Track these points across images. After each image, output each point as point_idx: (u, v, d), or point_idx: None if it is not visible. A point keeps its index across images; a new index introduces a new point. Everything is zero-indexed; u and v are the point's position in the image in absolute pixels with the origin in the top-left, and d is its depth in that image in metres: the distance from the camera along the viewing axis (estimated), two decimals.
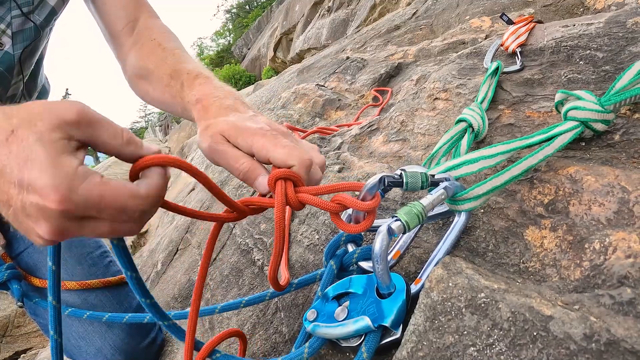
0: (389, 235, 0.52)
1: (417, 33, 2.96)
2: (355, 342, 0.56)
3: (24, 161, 0.37)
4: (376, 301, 0.56)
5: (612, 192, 0.57)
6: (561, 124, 0.67)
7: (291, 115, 2.63)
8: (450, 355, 0.45)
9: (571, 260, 0.52)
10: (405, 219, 0.52)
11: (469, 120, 0.83)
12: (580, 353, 0.38)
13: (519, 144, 0.67)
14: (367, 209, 0.53)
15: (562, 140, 0.65)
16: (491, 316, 0.44)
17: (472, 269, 0.51)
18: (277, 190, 0.54)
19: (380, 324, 0.53)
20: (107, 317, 0.92)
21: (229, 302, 0.84)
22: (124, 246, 0.52)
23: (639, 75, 0.66)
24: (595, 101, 0.66)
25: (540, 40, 1.02)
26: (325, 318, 0.60)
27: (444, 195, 0.58)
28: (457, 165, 0.66)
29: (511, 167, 0.62)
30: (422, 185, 0.57)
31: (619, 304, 0.43)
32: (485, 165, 0.66)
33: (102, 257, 1.17)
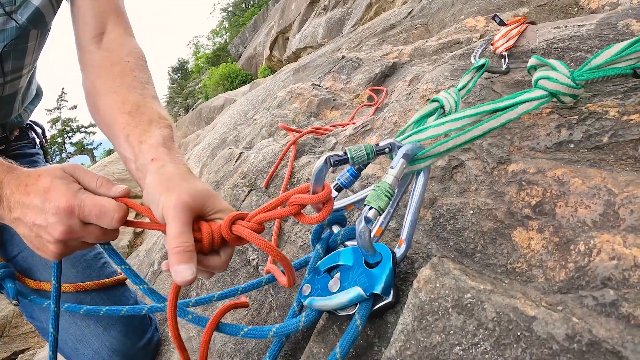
0: (368, 224, 0.55)
1: (413, 32, 2.97)
2: (352, 311, 0.59)
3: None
4: (365, 271, 0.59)
5: (598, 194, 0.58)
6: (530, 91, 0.67)
7: (286, 115, 2.64)
8: (437, 354, 0.45)
9: (557, 261, 0.53)
10: (376, 204, 0.56)
11: (442, 101, 0.83)
12: (563, 353, 0.39)
13: (486, 108, 0.68)
14: (320, 200, 0.57)
15: (527, 107, 0.65)
16: (477, 316, 0.45)
17: (459, 269, 0.52)
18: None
19: (372, 292, 0.56)
20: (105, 311, 0.92)
21: (225, 290, 0.88)
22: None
23: (616, 57, 0.66)
24: (568, 74, 0.66)
25: (532, 42, 1.03)
26: (320, 291, 0.63)
27: (405, 164, 0.60)
28: (422, 129, 0.67)
29: (473, 127, 0.63)
30: (368, 157, 0.60)
31: (601, 305, 0.44)
32: (451, 128, 0.66)
33: (96, 258, 1.17)
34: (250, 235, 0.58)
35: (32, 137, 1.29)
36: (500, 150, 0.76)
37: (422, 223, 0.74)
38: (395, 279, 0.61)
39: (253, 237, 0.58)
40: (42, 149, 1.33)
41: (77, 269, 1.10)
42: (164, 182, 0.65)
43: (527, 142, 0.75)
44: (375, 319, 0.62)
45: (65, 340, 1.06)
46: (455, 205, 0.72)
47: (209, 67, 36.02)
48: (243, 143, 2.89)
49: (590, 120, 0.74)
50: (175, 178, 0.66)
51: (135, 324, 1.11)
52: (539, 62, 0.71)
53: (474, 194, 0.72)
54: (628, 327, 0.40)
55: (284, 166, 1.45)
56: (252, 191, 1.51)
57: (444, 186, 0.80)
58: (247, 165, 1.71)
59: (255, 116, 3.24)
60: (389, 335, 0.59)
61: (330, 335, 0.67)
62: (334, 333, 0.67)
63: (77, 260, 1.11)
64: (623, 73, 0.64)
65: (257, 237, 0.58)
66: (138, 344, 1.09)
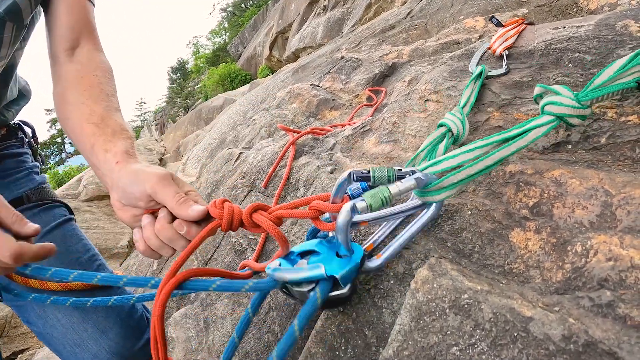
0: (352, 212, 0.58)
1: (412, 33, 2.97)
2: (307, 288, 0.62)
3: None
4: (333, 258, 0.63)
5: (595, 195, 0.58)
6: (537, 118, 0.69)
7: (286, 115, 2.64)
8: (434, 354, 0.46)
9: (554, 262, 0.53)
10: (370, 201, 0.58)
11: (449, 125, 0.86)
12: (559, 354, 0.39)
13: (496, 138, 0.70)
14: (334, 210, 0.62)
15: (536, 133, 0.67)
16: (474, 317, 0.45)
17: (457, 270, 0.52)
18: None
19: (332, 275, 0.59)
20: (92, 302, 0.89)
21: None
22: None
23: (619, 72, 0.67)
24: (572, 97, 0.67)
25: (531, 43, 1.03)
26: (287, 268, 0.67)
27: (414, 185, 0.62)
28: (437, 162, 0.70)
29: (485, 157, 0.65)
30: (389, 179, 0.62)
31: (598, 306, 0.44)
32: (464, 160, 0.68)
33: (91, 260, 1.15)
34: (268, 225, 0.63)
35: (21, 137, 1.29)
36: None
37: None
38: (356, 280, 0.66)
39: (271, 227, 0.63)
40: (31, 149, 1.32)
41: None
42: (135, 172, 0.72)
43: None
44: (326, 309, 0.67)
45: (64, 345, 1.05)
46: (453, 206, 0.72)
47: (209, 67, 36.02)
48: (242, 143, 2.89)
49: (588, 121, 0.74)
50: (143, 167, 0.73)
51: (133, 326, 1.10)
52: (543, 89, 0.72)
53: (472, 195, 0.72)
54: (624, 328, 0.41)
55: (283, 166, 1.45)
56: (251, 191, 1.51)
57: None
58: (246, 166, 1.71)
59: (255, 116, 3.24)
60: (386, 335, 0.59)
61: (329, 335, 0.67)
62: (332, 334, 0.67)
63: (71, 263, 1.10)
64: (627, 87, 0.65)
65: (275, 227, 0.64)
66: (136, 345, 1.09)
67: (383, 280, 0.68)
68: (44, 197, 1.18)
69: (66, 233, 1.15)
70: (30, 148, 1.32)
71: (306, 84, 2.84)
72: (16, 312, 1.12)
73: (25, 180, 1.19)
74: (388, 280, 0.67)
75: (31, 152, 1.31)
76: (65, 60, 0.96)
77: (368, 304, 0.66)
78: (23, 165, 1.22)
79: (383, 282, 0.67)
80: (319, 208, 0.63)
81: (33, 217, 1.12)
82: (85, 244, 1.19)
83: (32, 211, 1.14)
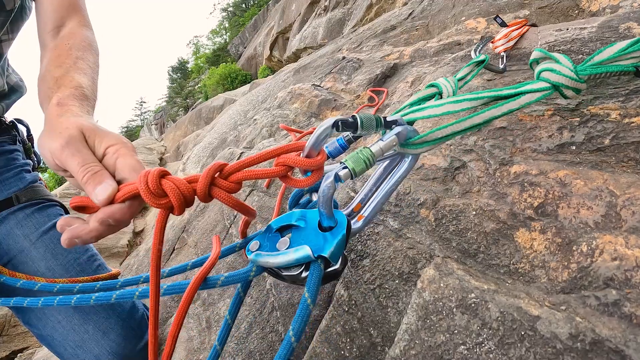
0: (336, 182, 0.53)
1: (413, 33, 2.98)
2: (296, 271, 0.55)
3: None
4: (318, 233, 0.56)
5: (600, 196, 0.58)
6: (532, 82, 0.66)
7: (287, 115, 2.64)
8: (442, 353, 0.46)
9: (559, 262, 0.53)
10: (352, 165, 0.53)
11: (440, 87, 0.81)
12: (566, 352, 0.40)
13: (487, 94, 0.66)
14: (313, 166, 0.52)
15: (530, 98, 0.64)
16: (481, 316, 0.45)
17: (463, 270, 0.53)
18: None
19: (320, 255, 0.53)
20: (75, 300, 0.85)
21: (200, 257, 0.84)
22: None
23: (619, 54, 0.66)
24: (572, 67, 0.66)
25: (534, 44, 1.03)
26: (268, 249, 0.60)
27: (395, 141, 0.58)
28: (421, 109, 0.65)
29: (474, 115, 0.61)
30: (376, 125, 0.57)
31: (604, 305, 0.44)
32: (449, 110, 0.64)
33: (90, 261, 1.14)
34: (228, 198, 0.52)
35: (14, 134, 1.25)
36: (502, 151, 0.77)
37: (425, 224, 0.74)
38: (346, 250, 0.58)
39: (231, 200, 0.52)
40: (24, 147, 1.29)
41: (71, 274, 1.08)
42: (47, 131, 0.62)
43: (529, 143, 0.76)
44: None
45: (65, 347, 1.05)
46: (457, 206, 0.72)
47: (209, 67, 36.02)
48: (243, 143, 2.89)
49: (592, 122, 0.75)
50: (55, 124, 0.62)
51: (134, 326, 1.10)
52: (543, 54, 0.71)
53: (477, 195, 0.73)
54: (630, 326, 0.41)
55: None
56: (253, 191, 1.51)
57: (446, 187, 0.80)
58: None
59: (256, 116, 3.24)
60: (392, 335, 0.60)
61: (334, 335, 0.68)
62: (337, 333, 0.67)
63: (69, 265, 1.09)
64: (625, 70, 0.65)
65: (235, 200, 0.53)
66: (138, 345, 1.09)
67: (388, 279, 0.68)
68: (34, 197, 1.15)
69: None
70: (24, 146, 1.29)
71: (307, 84, 2.85)
72: (15, 315, 1.11)
73: (14, 180, 1.16)
74: (393, 280, 0.67)
75: (24, 150, 1.28)
76: (49, 41, 0.92)
77: (373, 303, 0.67)
78: (13, 164, 1.19)
79: (388, 282, 0.68)
80: (289, 164, 0.52)
81: (26, 218, 1.11)
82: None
83: (25, 212, 1.12)
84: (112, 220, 0.53)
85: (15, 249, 1.07)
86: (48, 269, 1.06)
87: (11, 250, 1.07)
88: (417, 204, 0.79)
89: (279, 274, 0.57)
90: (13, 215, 1.11)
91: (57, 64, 0.81)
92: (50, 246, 1.10)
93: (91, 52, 0.90)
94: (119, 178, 0.56)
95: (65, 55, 0.84)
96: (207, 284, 0.59)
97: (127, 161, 0.56)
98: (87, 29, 0.98)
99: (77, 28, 0.95)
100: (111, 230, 0.56)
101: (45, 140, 0.60)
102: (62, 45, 0.88)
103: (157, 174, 0.49)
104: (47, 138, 0.60)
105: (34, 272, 1.06)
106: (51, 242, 1.10)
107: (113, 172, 0.57)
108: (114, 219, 0.53)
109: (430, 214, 0.75)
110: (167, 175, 0.51)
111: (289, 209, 0.71)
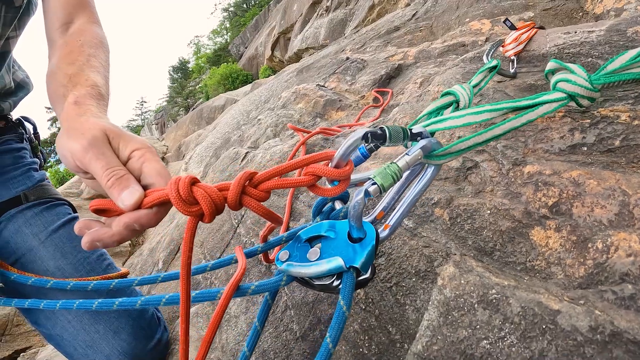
0: (365, 198, 0.54)
1: (417, 34, 3.00)
2: (327, 281, 0.57)
3: None
4: (347, 244, 0.58)
5: (613, 195, 0.60)
6: (549, 93, 0.69)
7: (292, 115, 2.66)
8: (464, 348, 0.48)
9: (575, 258, 0.55)
10: (381, 181, 0.54)
11: (457, 95, 0.82)
12: (587, 344, 0.41)
13: (506, 105, 0.69)
14: (341, 176, 0.53)
15: (547, 108, 0.67)
16: (502, 311, 0.47)
17: (482, 267, 0.54)
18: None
19: (352, 265, 0.54)
20: (97, 305, 0.84)
21: (219, 259, 0.85)
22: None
23: (630, 62, 0.68)
24: (586, 77, 0.68)
25: (543, 46, 1.05)
26: (298, 258, 0.61)
27: (421, 155, 0.59)
28: (442, 120, 0.67)
29: (494, 126, 0.64)
30: (403, 137, 0.59)
31: (621, 299, 0.46)
32: (470, 121, 0.66)
33: (99, 260, 1.13)
34: (258, 207, 0.53)
35: (21, 132, 1.25)
36: (515, 152, 0.78)
37: (440, 222, 0.76)
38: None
39: (261, 209, 0.53)
40: (31, 145, 1.29)
41: (80, 273, 1.08)
42: (67, 130, 0.61)
43: (541, 144, 0.78)
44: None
45: (75, 347, 1.04)
46: (472, 205, 0.74)
47: (210, 66, 36.03)
48: (248, 143, 2.91)
49: (602, 124, 0.77)
50: (75, 124, 0.61)
51: (145, 326, 1.09)
52: (558, 65, 0.73)
53: (490, 195, 0.75)
54: None
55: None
56: None
57: (459, 187, 0.82)
58: (255, 165, 1.73)
59: (260, 116, 3.25)
60: (410, 332, 0.61)
61: (351, 333, 0.69)
62: (354, 331, 0.69)
63: (79, 264, 1.09)
64: (637, 78, 0.67)
65: (265, 209, 0.54)
66: (148, 345, 1.08)
67: (405, 278, 0.70)
68: (43, 195, 1.15)
69: (72, 232, 1.13)
70: (30, 144, 1.29)
71: (312, 85, 2.86)
72: (23, 315, 1.11)
73: (22, 178, 1.16)
74: (410, 278, 0.69)
75: (30, 148, 1.28)
76: (57, 38, 0.92)
77: (390, 301, 0.68)
78: (21, 162, 1.19)
79: (405, 280, 0.70)
80: (318, 173, 0.53)
81: (35, 216, 1.11)
82: None
83: (33, 210, 1.12)
84: (137, 225, 0.53)
85: (23, 248, 1.07)
86: (57, 268, 1.06)
87: (19, 249, 1.07)
88: (430, 203, 0.81)
89: (310, 283, 0.59)
90: (21, 213, 1.11)
91: (69, 61, 0.81)
92: (59, 245, 1.09)
93: (102, 50, 0.90)
94: (145, 183, 0.56)
95: (77, 52, 0.84)
96: (239, 291, 0.60)
97: (154, 166, 0.57)
98: (97, 25, 0.98)
99: (87, 25, 0.95)
100: (134, 235, 0.56)
101: (65, 140, 0.60)
102: (73, 42, 0.87)
103: (189, 181, 0.50)
104: (68, 138, 0.59)
105: (43, 271, 1.06)
106: (60, 241, 1.10)
107: (138, 177, 0.57)
108: (139, 224, 0.53)
109: (445, 213, 0.77)
110: (197, 182, 0.52)
111: (312, 217, 0.73)
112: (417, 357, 0.52)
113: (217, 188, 0.52)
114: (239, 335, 1.08)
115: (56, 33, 0.93)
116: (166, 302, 0.75)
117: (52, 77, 0.79)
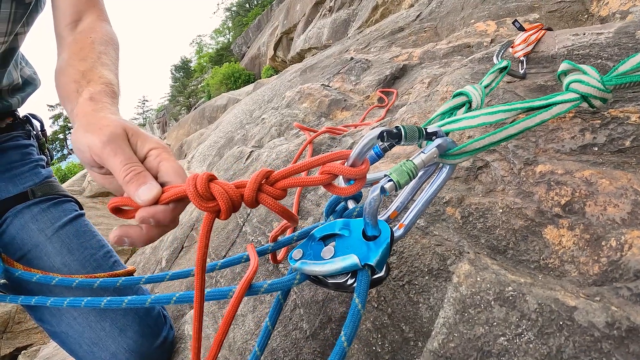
0: (381, 194, 0.54)
1: (422, 35, 3.00)
2: (342, 279, 0.57)
3: None
4: (362, 242, 0.57)
5: (625, 194, 0.61)
6: (562, 94, 0.70)
7: (296, 115, 2.66)
8: (482, 345, 0.48)
9: (589, 256, 0.56)
10: (397, 178, 0.54)
11: (470, 96, 0.83)
12: (604, 339, 0.42)
13: (520, 105, 0.70)
14: (357, 175, 0.54)
15: (561, 108, 0.68)
16: (519, 308, 0.48)
17: (497, 264, 0.55)
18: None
19: (367, 263, 0.54)
20: (105, 303, 0.84)
21: (230, 257, 0.85)
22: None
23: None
24: (599, 78, 0.69)
25: (552, 48, 1.06)
26: (312, 257, 0.61)
27: (436, 153, 0.60)
28: (456, 120, 0.68)
29: (509, 126, 0.65)
30: (419, 136, 0.60)
31: (636, 295, 0.46)
32: (485, 121, 0.68)
33: (106, 257, 1.13)
34: (275, 205, 0.54)
35: (28, 129, 1.26)
36: (526, 152, 0.79)
37: (451, 221, 0.76)
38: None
39: (277, 207, 0.55)
40: (38, 142, 1.29)
41: (87, 270, 1.07)
42: (84, 126, 0.61)
43: (552, 144, 0.78)
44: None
45: (80, 344, 1.03)
46: (483, 204, 0.75)
47: (212, 66, 36.06)
48: (252, 142, 2.92)
49: (612, 124, 0.77)
50: (93, 120, 0.62)
51: (151, 324, 1.09)
52: (571, 67, 0.74)
53: (502, 194, 0.75)
54: None
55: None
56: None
57: (469, 186, 0.83)
58: (260, 164, 1.74)
59: (263, 115, 3.26)
60: (424, 330, 0.62)
61: (364, 331, 0.70)
62: (367, 329, 0.70)
63: (86, 261, 1.08)
64: None
65: (281, 207, 0.56)
66: (155, 343, 1.08)
67: (417, 276, 0.70)
68: (50, 192, 1.15)
69: (79, 229, 1.13)
70: (38, 141, 1.29)
71: (316, 84, 2.87)
72: (28, 311, 1.10)
73: (29, 174, 1.16)
74: (423, 277, 0.70)
75: (37, 145, 1.28)
76: (67, 34, 0.93)
77: (403, 299, 0.69)
78: (28, 158, 1.19)
79: (417, 278, 0.70)
80: (335, 172, 0.54)
81: (42, 212, 1.11)
82: (99, 239, 1.16)
83: (40, 206, 1.12)
84: (152, 220, 0.54)
85: (30, 244, 1.07)
86: (64, 265, 1.06)
87: (25, 245, 1.07)
88: (442, 202, 0.81)
89: (324, 281, 0.59)
90: (28, 209, 1.11)
91: (81, 58, 0.82)
92: (66, 241, 1.09)
93: (113, 47, 0.91)
94: (162, 181, 0.57)
95: (88, 49, 0.85)
96: (251, 290, 0.60)
97: (172, 165, 0.58)
98: (107, 23, 0.99)
99: (96, 22, 0.96)
100: (161, 234, 0.59)
101: (82, 135, 0.60)
102: (84, 39, 0.88)
103: (206, 177, 0.51)
104: (85, 132, 0.60)
105: (49, 267, 1.05)
106: (67, 237, 1.10)
107: (155, 175, 0.58)
108: (155, 219, 0.54)
109: (457, 211, 0.77)
110: (215, 179, 0.53)
111: (325, 216, 0.73)
112: (433, 354, 0.53)
113: (234, 185, 0.53)
114: (246, 334, 1.09)
115: (65, 30, 0.93)
116: (177, 300, 0.76)
117: (63, 73, 0.80)
